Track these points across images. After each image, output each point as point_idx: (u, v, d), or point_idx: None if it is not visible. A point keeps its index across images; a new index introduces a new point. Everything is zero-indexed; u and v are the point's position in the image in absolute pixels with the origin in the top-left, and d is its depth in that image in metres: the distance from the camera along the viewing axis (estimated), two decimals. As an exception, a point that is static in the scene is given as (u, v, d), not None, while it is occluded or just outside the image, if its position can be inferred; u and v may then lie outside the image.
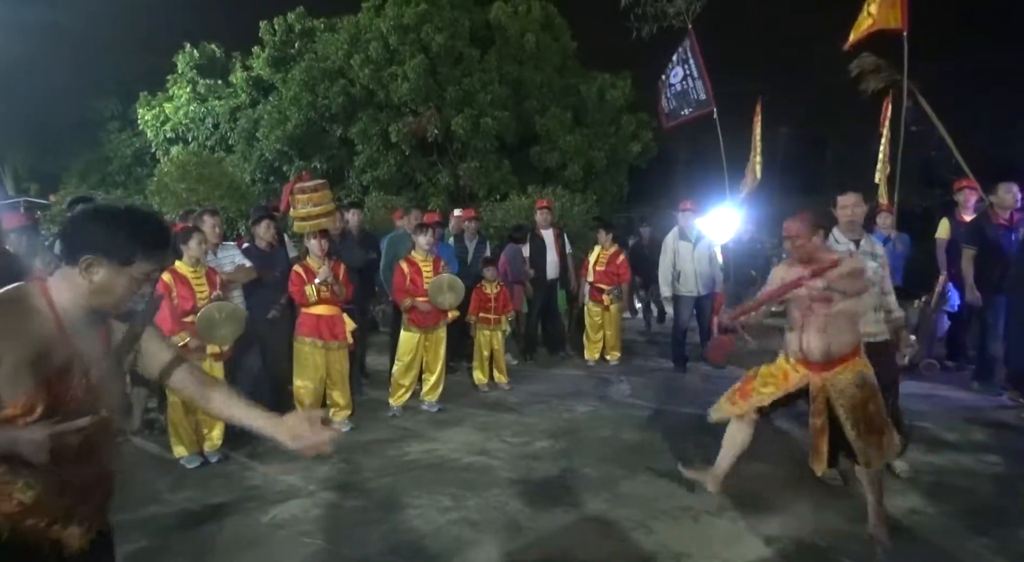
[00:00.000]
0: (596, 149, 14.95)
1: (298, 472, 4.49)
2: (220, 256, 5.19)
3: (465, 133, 13.96)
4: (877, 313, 4.07)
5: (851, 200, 4.08)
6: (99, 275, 1.65)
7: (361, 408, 5.76)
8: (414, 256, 5.76)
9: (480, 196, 14.17)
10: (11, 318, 1.55)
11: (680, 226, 7.40)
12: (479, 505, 3.94)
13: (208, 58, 16.98)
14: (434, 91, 14.19)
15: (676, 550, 3.35)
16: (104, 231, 1.66)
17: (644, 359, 7.98)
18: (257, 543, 3.54)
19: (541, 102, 14.96)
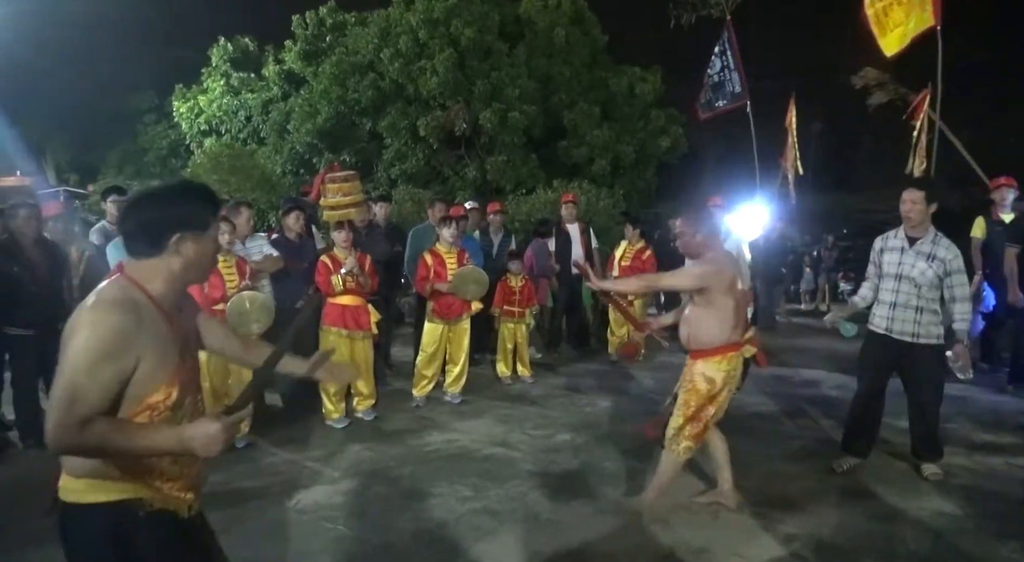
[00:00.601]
0: (624, 144, 14.85)
1: (322, 459, 4.57)
2: (248, 246, 5.29)
3: (493, 127, 13.97)
4: (920, 315, 3.97)
5: (906, 196, 3.98)
6: (189, 249, 1.71)
7: (385, 398, 5.83)
8: (438, 248, 5.80)
9: (507, 190, 14.19)
10: (136, 318, 1.60)
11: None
12: (499, 496, 3.97)
13: (242, 51, 17.23)
14: (463, 85, 14.22)
15: (695, 546, 3.34)
16: (178, 208, 1.72)
17: (669, 354, 7.92)
18: (281, 527, 3.61)
19: (569, 96, 14.91)
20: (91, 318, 1.57)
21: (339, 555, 3.29)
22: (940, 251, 3.92)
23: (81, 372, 1.52)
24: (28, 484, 4.27)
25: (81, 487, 1.66)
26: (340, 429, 5.18)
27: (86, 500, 1.65)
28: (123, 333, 1.57)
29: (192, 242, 1.72)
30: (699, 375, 3.48)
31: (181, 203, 1.73)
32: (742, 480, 4.10)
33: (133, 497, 1.66)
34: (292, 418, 5.44)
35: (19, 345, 4.79)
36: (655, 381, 6.64)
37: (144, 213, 1.72)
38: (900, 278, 4.02)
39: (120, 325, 1.57)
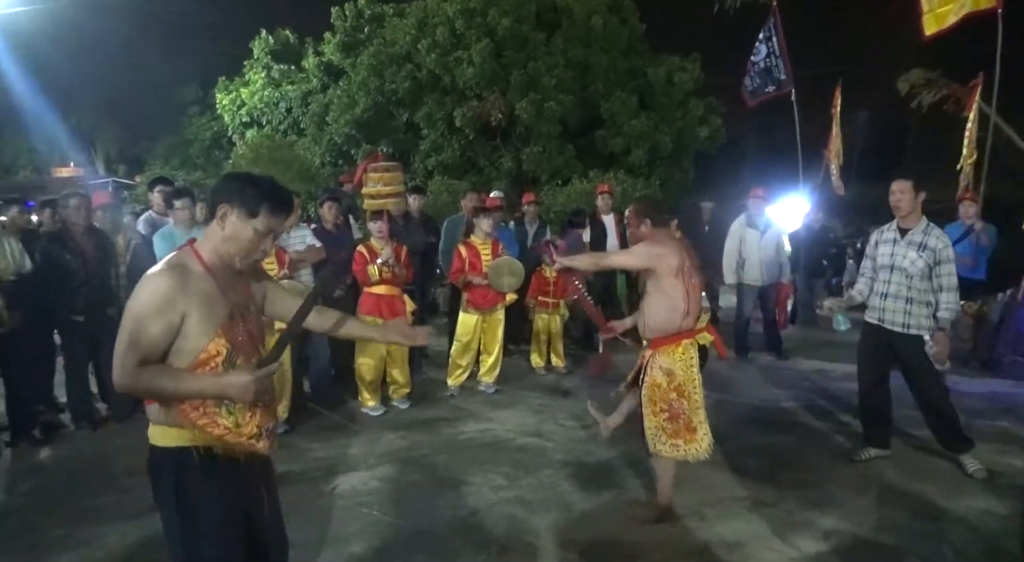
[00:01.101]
0: (662, 134, 14.66)
1: (358, 446, 4.65)
2: (292, 235, 5.40)
3: (529, 117, 13.92)
4: (910, 305, 4.00)
5: (896, 187, 4.02)
6: (230, 222, 1.94)
7: (420, 387, 5.89)
8: (473, 240, 5.81)
9: (542, 180, 14.14)
10: (182, 280, 1.86)
11: (749, 213, 7.21)
12: (532, 485, 3.99)
13: (282, 44, 17.47)
14: (499, 75, 14.20)
15: (729, 539, 3.31)
16: (238, 185, 1.97)
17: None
18: (319, 511, 3.69)
19: (606, 86, 14.76)
20: (142, 284, 1.86)
21: (375, 540, 3.35)
22: (931, 241, 3.94)
23: (133, 327, 1.82)
24: (79, 463, 4.45)
25: (155, 433, 1.96)
26: (376, 417, 5.26)
27: (158, 443, 1.95)
28: (167, 293, 1.82)
29: (234, 217, 1.94)
30: (657, 369, 3.41)
31: (242, 185, 1.97)
32: (779, 474, 4.06)
33: (189, 445, 1.92)
34: (329, 406, 5.53)
35: (70, 330, 4.96)
36: (691, 374, 6.57)
37: (220, 183, 2.05)
38: (892, 269, 4.05)
39: (164, 287, 1.83)
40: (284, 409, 4.95)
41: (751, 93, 10.11)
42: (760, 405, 5.58)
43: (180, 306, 1.83)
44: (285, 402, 4.95)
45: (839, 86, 9.60)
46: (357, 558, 3.19)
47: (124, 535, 3.42)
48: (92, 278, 4.90)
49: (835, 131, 9.59)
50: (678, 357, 3.41)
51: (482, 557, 3.20)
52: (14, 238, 4.75)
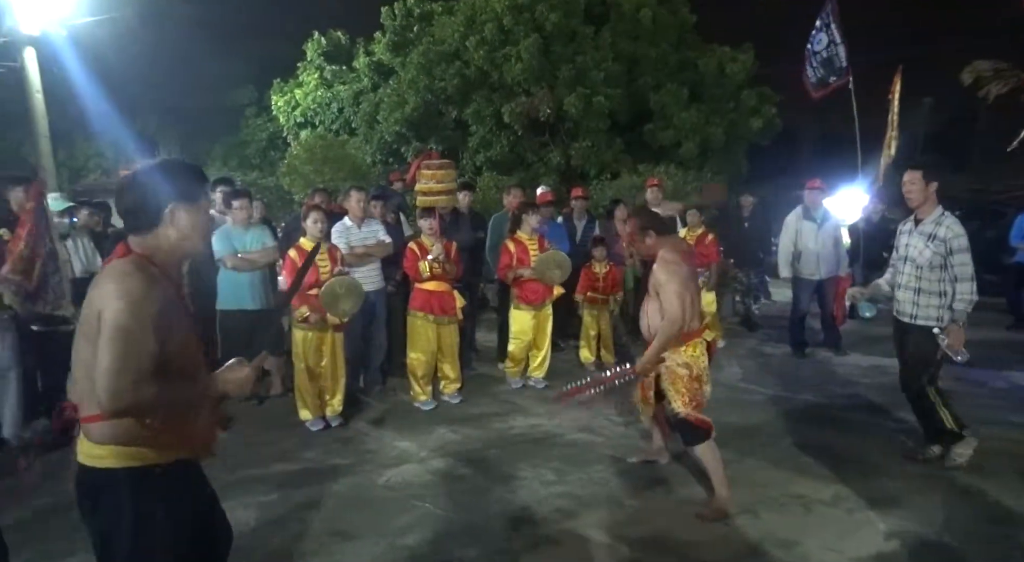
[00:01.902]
0: (713, 126, 14.38)
1: (410, 439, 4.72)
2: (363, 230, 5.53)
3: (577, 112, 13.85)
4: (918, 296, 3.97)
5: (907, 177, 4.02)
6: (183, 219, 1.86)
7: (470, 382, 5.94)
8: (520, 235, 5.83)
9: (591, 175, 14.05)
10: (149, 286, 1.75)
11: (805, 205, 7.01)
12: (582, 480, 3.98)
13: (334, 45, 17.80)
14: (547, 70, 14.16)
15: (784, 538, 3.24)
16: (171, 182, 1.86)
17: (759, 342, 7.68)
18: (372, 503, 3.77)
19: (656, 78, 14.56)
20: (115, 288, 1.71)
21: (428, 532, 3.40)
22: (941, 231, 3.88)
23: (127, 334, 1.66)
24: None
25: (104, 453, 1.80)
26: (427, 411, 5.33)
27: (109, 465, 1.80)
28: (149, 290, 1.73)
29: (184, 212, 1.86)
30: (675, 365, 3.54)
31: (172, 178, 1.88)
32: (837, 473, 3.96)
33: (149, 463, 1.82)
34: (382, 400, 5.65)
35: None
36: (742, 369, 6.45)
37: (140, 189, 1.86)
38: (906, 260, 4.06)
39: (145, 283, 1.73)
40: (339, 403, 5.07)
41: (814, 85, 9.76)
42: (817, 402, 5.43)
43: (163, 313, 1.75)
44: (340, 396, 5.07)
45: (899, 72, 9.23)
46: (411, 550, 3.25)
47: (189, 522, 3.56)
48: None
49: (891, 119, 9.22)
50: (689, 354, 3.54)
51: (533, 551, 3.22)
52: (86, 238, 4.98)
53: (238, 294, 5.28)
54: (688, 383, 3.51)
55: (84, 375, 1.76)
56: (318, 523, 3.53)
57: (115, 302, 1.69)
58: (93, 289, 1.77)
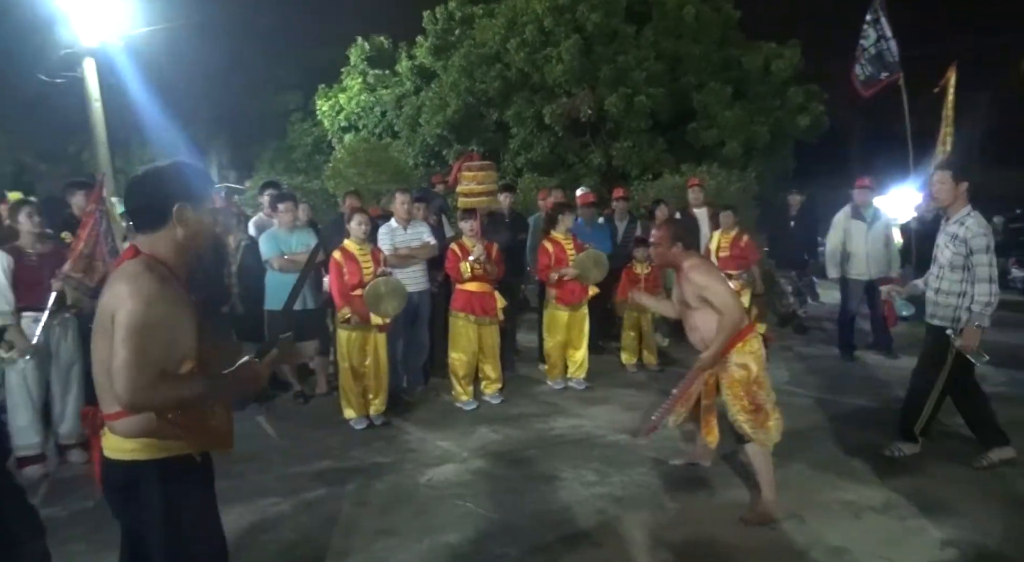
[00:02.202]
0: (758, 124, 14.10)
1: (452, 439, 4.77)
2: (409, 232, 5.62)
3: (618, 112, 13.74)
4: (937, 296, 3.96)
5: (934, 177, 4.01)
6: (191, 218, 1.90)
7: (511, 383, 5.96)
8: (555, 235, 5.84)
9: (632, 175, 13.94)
10: (161, 286, 1.79)
11: (854, 204, 6.84)
12: (623, 482, 3.96)
13: (377, 50, 18.05)
14: (588, 71, 14.09)
15: (832, 544, 3.16)
16: (178, 181, 1.92)
17: (806, 344, 7.51)
18: (413, 500, 3.82)
19: (699, 77, 14.34)
20: (128, 288, 1.75)
21: (469, 531, 3.43)
22: (962, 230, 3.83)
23: (142, 333, 1.71)
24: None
25: (132, 447, 1.86)
26: (469, 411, 5.37)
27: (138, 457, 1.86)
28: (160, 290, 1.77)
29: (191, 211, 1.90)
30: (733, 367, 3.47)
31: (179, 178, 1.92)
32: (889, 479, 3.85)
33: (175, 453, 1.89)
34: (424, 400, 5.71)
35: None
36: (789, 371, 6.32)
37: (148, 189, 1.91)
38: (935, 260, 4.06)
39: (156, 283, 1.77)
40: (382, 402, 5.15)
41: (863, 82, 9.46)
42: (867, 405, 5.29)
43: (175, 312, 1.80)
44: (383, 395, 5.15)
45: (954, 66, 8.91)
46: (452, 548, 3.28)
47: (240, 516, 3.66)
48: (208, 277, 5.26)
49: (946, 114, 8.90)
50: (747, 350, 3.48)
51: (574, 552, 3.21)
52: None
53: (284, 294, 5.40)
54: (747, 386, 3.44)
55: (102, 373, 1.81)
56: (363, 520, 3.59)
57: (128, 302, 1.73)
58: (106, 290, 1.82)
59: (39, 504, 3.33)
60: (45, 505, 3.91)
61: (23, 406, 4.28)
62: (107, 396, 1.82)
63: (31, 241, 4.40)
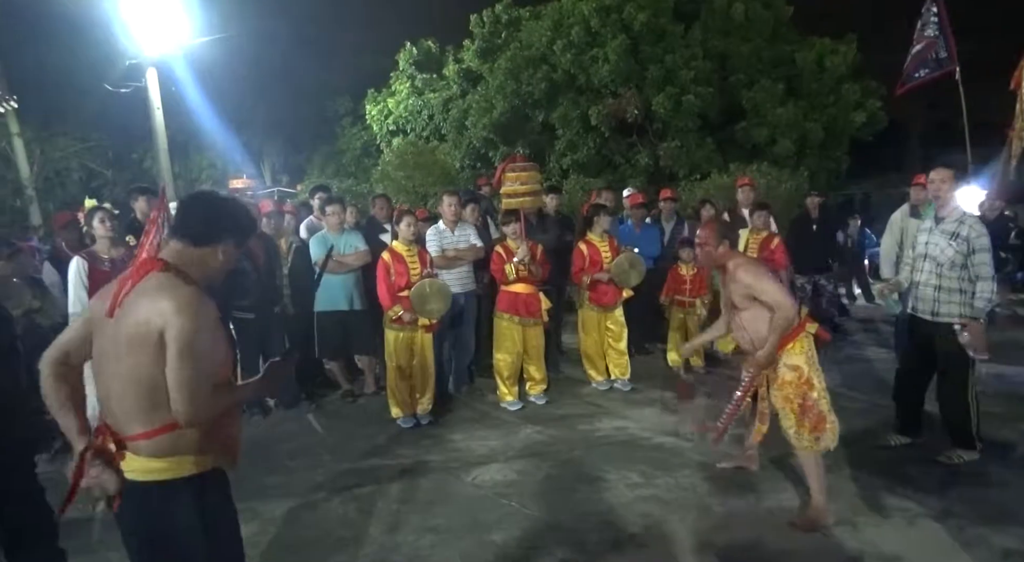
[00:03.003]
0: (811, 121, 13.76)
1: (497, 439, 4.81)
2: (456, 234, 5.70)
3: (666, 112, 13.60)
4: (939, 293, 4.00)
5: (935, 176, 4.05)
6: (230, 255, 2.01)
7: (556, 384, 5.97)
8: (591, 237, 5.84)
9: (680, 176, 13.77)
10: (201, 298, 1.84)
11: (912, 202, 6.60)
12: (669, 485, 3.93)
13: (425, 54, 18.29)
14: (635, 71, 13.99)
15: (885, 552, 3.08)
16: (238, 221, 2.03)
17: (858, 348, 7.30)
18: (459, 499, 3.87)
19: (749, 75, 14.08)
20: (174, 304, 1.76)
21: (514, 530, 3.46)
22: (964, 229, 3.92)
23: (197, 347, 1.76)
24: (253, 445, 4.94)
25: (167, 466, 1.85)
26: (514, 412, 5.40)
27: (171, 476, 1.86)
28: (203, 303, 1.83)
29: (231, 250, 2.01)
30: (784, 368, 3.43)
31: (239, 218, 2.04)
32: (946, 486, 3.73)
33: (204, 469, 1.92)
34: (469, 400, 5.77)
35: (244, 327, 5.52)
36: (842, 375, 6.14)
37: (214, 212, 2.00)
38: (925, 257, 4.10)
39: (198, 296, 1.83)
40: (428, 401, 5.23)
41: (910, 78, 9.12)
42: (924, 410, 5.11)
43: (216, 324, 1.87)
44: (429, 394, 5.23)
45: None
46: (498, 547, 3.31)
47: (291, 511, 3.78)
48: (261, 279, 5.43)
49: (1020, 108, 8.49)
50: (798, 350, 3.42)
51: (619, 554, 3.21)
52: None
53: (333, 296, 5.55)
54: (797, 387, 3.39)
55: (133, 390, 1.79)
56: (409, 517, 3.66)
57: (179, 318, 1.74)
58: (142, 302, 1.79)
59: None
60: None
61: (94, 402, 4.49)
62: (137, 415, 1.81)
63: (106, 246, 4.63)
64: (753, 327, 3.48)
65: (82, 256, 4.55)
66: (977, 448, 4.05)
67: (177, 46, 13.24)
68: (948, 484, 3.76)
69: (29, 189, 16.26)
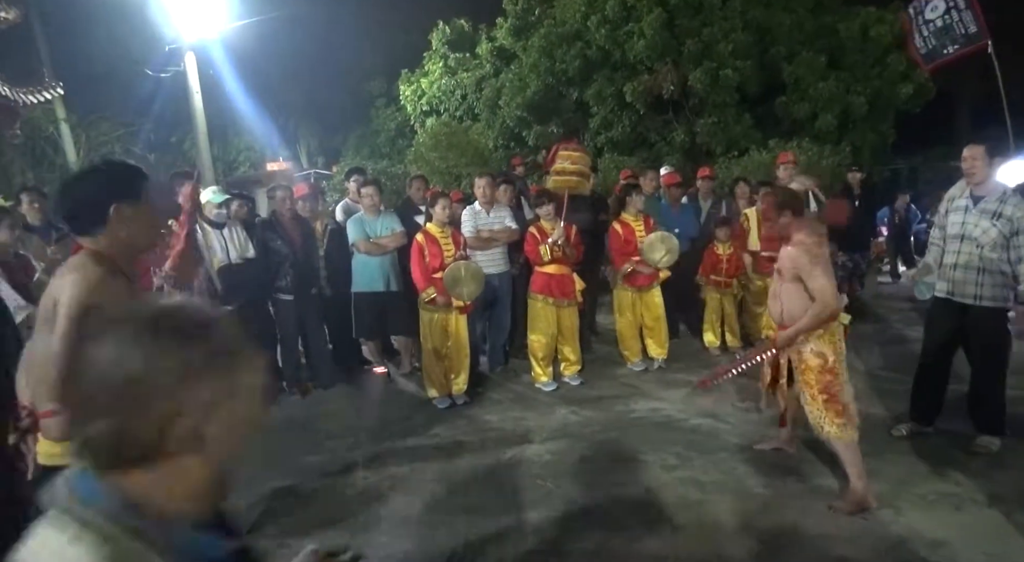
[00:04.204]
0: (855, 94, 13.31)
1: (532, 420, 4.82)
2: (491, 216, 5.70)
3: (703, 87, 13.29)
4: (981, 276, 3.80)
5: (967, 153, 3.87)
6: (130, 216, 1.85)
7: (591, 364, 5.96)
8: (625, 217, 5.78)
9: (717, 153, 13.49)
10: (105, 276, 1.76)
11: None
12: (706, 467, 3.90)
13: (458, 33, 18.17)
14: (671, 46, 13.68)
15: (929, 537, 3.01)
16: (110, 183, 1.88)
17: (900, 329, 7.11)
18: (494, 478, 3.91)
19: (789, 47, 13.66)
20: (71, 277, 1.73)
21: (549, 510, 3.47)
22: (1007, 209, 3.73)
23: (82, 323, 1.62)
24: (293, 425, 5.06)
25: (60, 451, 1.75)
26: (548, 392, 5.41)
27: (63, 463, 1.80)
28: (103, 281, 1.75)
29: (130, 209, 1.85)
30: (809, 353, 3.38)
31: (110, 178, 1.89)
32: (995, 472, 3.62)
33: None
34: (504, 381, 5.79)
35: (283, 308, 5.62)
36: (884, 358, 6.00)
37: (80, 192, 1.88)
38: (963, 239, 3.88)
39: (99, 274, 1.76)
40: (464, 382, 5.26)
41: (925, 56, 8.68)
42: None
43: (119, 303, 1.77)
44: (464, 375, 5.26)
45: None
46: (533, 526, 3.33)
47: (331, 489, 3.85)
48: (298, 261, 5.51)
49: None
50: (827, 339, 3.36)
51: (655, 536, 3.20)
52: (239, 227, 5.44)
53: (370, 277, 5.61)
54: (819, 374, 3.34)
55: (33, 368, 1.76)
56: (446, 496, 3.70)
57: (70, 290, 1.71)
58: (53, 281, 1.81)
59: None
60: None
61: None
62: (42, 392, 1.76)
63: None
64: (790, 303, 3.43)
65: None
66: (1006, 433, 3.94)
67: (214, 30, 13.40)
68: (996, 469, 3.65)
69: (76, 174, 16.71)
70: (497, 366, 6.03)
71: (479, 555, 3.12)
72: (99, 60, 16.05)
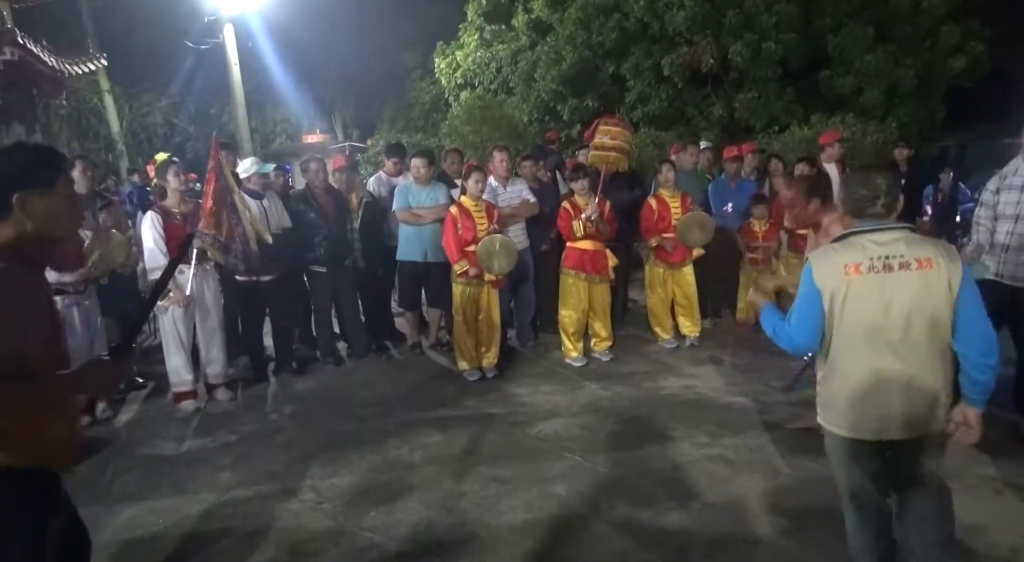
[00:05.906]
0: (903, 68, 12.82)
1: (562, 394, 4.84)
2: (509, 189, 5.68)
3: (744, 61, 12.93)
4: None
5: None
6: (37, 206, 1.69)
7: (622, 341, 5.93)
8: (662, 192, 5.71)
9: (756, 128, 13.17)
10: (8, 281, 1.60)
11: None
12: (736, 445, 3.88)
13: (494, 5, 17.93)
14: (711, 17, 13.32)
15: (967, 522, 2.95)
16: (14, 170, 1.70)
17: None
18: (523, 451, 3.94)
19: (836, 19, 13.18)
20: None
21: (577, 484, 3.50)
22: None
23: None
24: (326, 394, 5.17)
25: None
26: (578, 368, 5.41)
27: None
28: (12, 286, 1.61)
29: (38, 199, 1.69)
30: None
31: (15, 164, 1.70)
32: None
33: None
34: (534, 356, 5.81)
35: (317, 280, 5.70)
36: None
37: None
38: (1017, 219, 3.71)
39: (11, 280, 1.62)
40: (494, 355, 5.30)
41: None
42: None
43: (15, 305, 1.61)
44: (495, 349, 5.29)
45: None
46: (560, 498, 3.36)
47: (363, 458, 3.93)
48: (332, 233, 5.56)
49: None
50: None
51: (684, 511, 3.21)
52: (276, 197, 5.51)
53: (410, 247, 5.68)
54: None
55: None
56: (475, 466, 3.75)
57: None
58: None
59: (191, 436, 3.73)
60: (197, 436, 4.39)
61: (175, 348, 4.76)
62: None
63: (177, 200, 4.81)
64: None
65: (155, 210, 4.74)
66: None
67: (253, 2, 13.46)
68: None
69: (120, 144, 17.10)
70: (528, 342, 6.05)
71: (506, 525, 3.16)
72: (141, 33, 16.28)
